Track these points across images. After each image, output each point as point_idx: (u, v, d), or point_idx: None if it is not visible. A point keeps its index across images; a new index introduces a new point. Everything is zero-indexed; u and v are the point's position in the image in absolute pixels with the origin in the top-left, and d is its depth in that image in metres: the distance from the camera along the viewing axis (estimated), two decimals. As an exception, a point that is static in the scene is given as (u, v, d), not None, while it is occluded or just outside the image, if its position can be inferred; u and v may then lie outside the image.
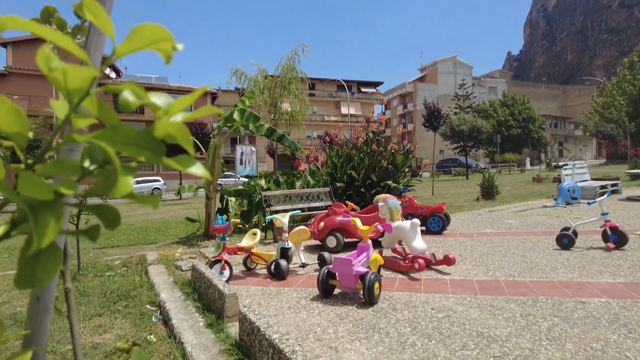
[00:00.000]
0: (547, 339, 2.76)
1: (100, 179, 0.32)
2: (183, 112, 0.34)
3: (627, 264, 4.54)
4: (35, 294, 0.51)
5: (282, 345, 2.23)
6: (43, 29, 0.34)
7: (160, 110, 0.34)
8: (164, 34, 0.33)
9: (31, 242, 0.31)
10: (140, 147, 0.33)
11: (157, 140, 0.33)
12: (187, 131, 0.33)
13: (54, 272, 0.33)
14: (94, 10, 0.33)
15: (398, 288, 4.03)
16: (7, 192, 0.31)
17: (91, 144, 0.35)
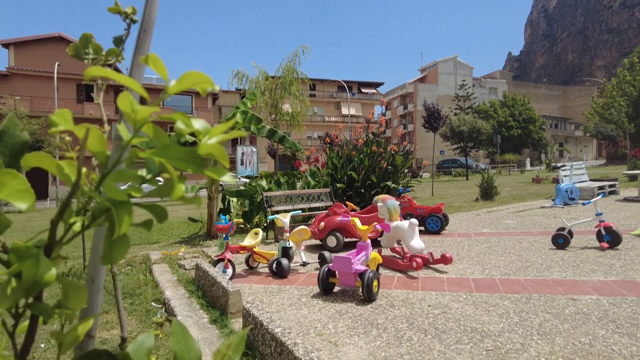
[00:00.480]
0: (538, 334, 2.88)
1: (161, 185, 0.44)
2: (219, 135, 0.46)
3: (619, 263, 4.66)
4: (91, 276, 0.63)
5: (284, 338, 2.35)
6: (120, 76, 0.46)
7: (201, 134, 0.46)
8: (204, 78, 0.45)
9: (113, 231, 0.43)
10: (187, 162, 0.45)
11: (200, 157, 0.45)
12: (223, 150, 0.45)
13: (124, 254, 0.45)
14: (155, 61, 0.45)
15: (396, 286, 4.15)
16: (96, 195, 0.43)
17: (148, 159, 0.47)
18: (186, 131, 0.45)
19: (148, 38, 0.63)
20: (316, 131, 51.12)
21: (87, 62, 0.84)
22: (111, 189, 0.43)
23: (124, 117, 0.45)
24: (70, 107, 33.68)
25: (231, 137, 0.47)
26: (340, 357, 2.64)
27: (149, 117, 0.44)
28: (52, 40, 34.48)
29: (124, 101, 0.43)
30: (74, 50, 0.85)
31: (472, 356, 2.58)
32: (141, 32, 0.63)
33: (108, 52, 0.87)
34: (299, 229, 4.93)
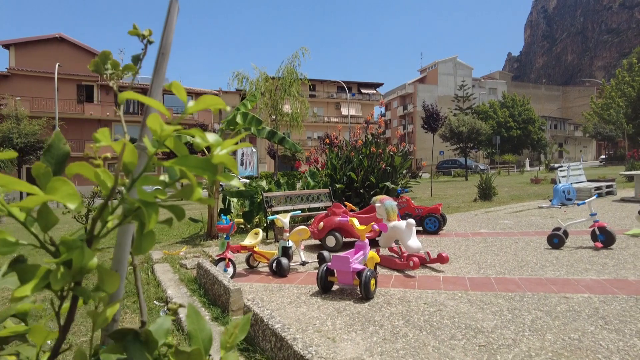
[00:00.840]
0: (529, 330, 2.97)
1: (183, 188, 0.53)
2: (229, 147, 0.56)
3: (612, 262, 4.76)
4: (115, 268, 0.72)
5: (284, 333, 2.44)
6: (148, 99, 0.55)
7: (214, 146, 0.55)
8: (218, 101, 0.55)
9: (142, 227, 0.52)
10: (203, 170, 0.54)
11: (215, 165, 0.54)
12: (233, 159, 0.54)
13: (152, 245, 0.54)
14: (177, 87, 0.54)
15: (393, 284, 4.25)
16: (128, 197, 0.52)
17: (170, 167, 0.56)
18: (203, 145, 0.54)
19: (166, 60, 0.72)
20: (316, 132, 51.22)
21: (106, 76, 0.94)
22: (141, 191, 0.52)
23: (151, 133, 0.55)
24: (71, 108, 33.81)
25: (239, 148, 0.56)
26: (338, 352, 2.73)
27: (172, 132, 0.54)
28: (52, 41, 34.60)
29: (153, 121, 0.52)
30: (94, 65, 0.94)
31: (465, 351, 2.68)
32: (159, 56, 0.72)
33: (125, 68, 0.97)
34: (298, 229, 5.02)
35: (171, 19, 0.71)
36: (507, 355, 2.61)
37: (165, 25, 0.72)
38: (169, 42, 0.72)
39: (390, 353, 2.68)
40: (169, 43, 0.72)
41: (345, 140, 10.52)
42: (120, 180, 0.58)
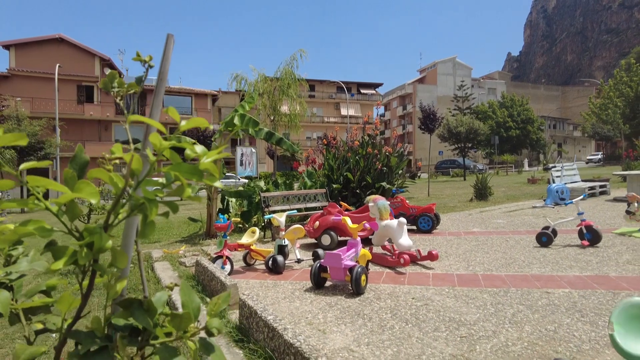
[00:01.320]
0: (509, 323, 3.14)
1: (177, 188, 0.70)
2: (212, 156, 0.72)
3: (596, 260, 4.93)
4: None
5: (275, 324, 2.61)
6: (150, 121, 0.72)
7: (201, 156, 0.72)
8: (203, 121, 0.71)
9: (145, 218, 0.69)
10: (192, 174, 0.70)
11: (201, 171, 0.71)
12: (214, 166, 0.70)
13: (152, 232, 0.71)
14: (172, 111, 0.71)
15: (384, 281, 4.42)
16: (135, 194, 0.69)
17: (167, 172, 0.73)
18: (192, 155, 0.71)
19: (163, 85, 0.88)
20: (315, 132, 51.37)
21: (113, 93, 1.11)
22: (145, 190, 0.69)
23: (152, 146, 0.71)
24: (71, 109, 33.96)
25: (221, 157, 0.73)
26: (327, 342, 2.90)
27: (168, 147, 0.71)
28: (52, 42, 34.75)
29: (154, 137, 0.69)
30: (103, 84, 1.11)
31: (447, 342, 2.85)
32: (158, 82, 0.89)
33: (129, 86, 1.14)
34: (293, 228, 5.19)
35: (168, 51, 0.88)
36: (485, 345, 2.78)
37: (163, 56, 0.88)
38: (166, 69, 0.89)
39: (376, 343, 2.85)
40: (166, 70, 0.89)
41: (342, 140, 10.68)
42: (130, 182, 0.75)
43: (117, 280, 0.80)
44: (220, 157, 0.73)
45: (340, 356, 2.68)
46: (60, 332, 0.78)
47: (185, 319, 0.77)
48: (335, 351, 2.76)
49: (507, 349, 2.71)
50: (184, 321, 0.77)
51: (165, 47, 0.89)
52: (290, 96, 16.19)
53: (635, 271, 4.39)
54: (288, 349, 2.37)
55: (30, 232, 0.65)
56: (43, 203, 0.66)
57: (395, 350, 2.75)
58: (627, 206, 6.60)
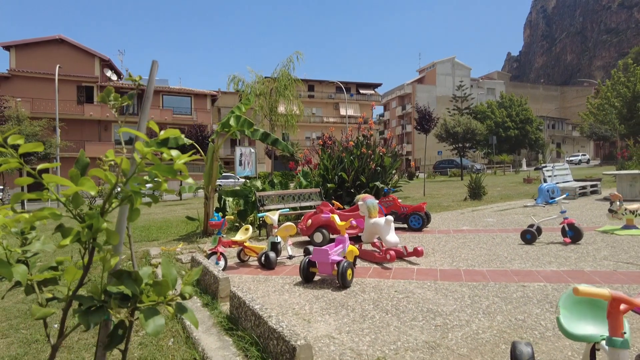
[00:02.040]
0: (483, 313, 3.35)
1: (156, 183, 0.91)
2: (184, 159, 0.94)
3: (575, 256, 5.14)
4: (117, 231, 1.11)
5: (261, 312, 2.83)
6: (138, 133, 0.93)
7: (175, 158, 0.93)
8: (177, 133, 0.93)
9: (132, 206, 0.90)
10: (168, 173, 0.92)
11: (175, 170, 0.92)
12: (185, 167, 0.91)
13: (137, 217, 0.92)
14: (152, 124, 0.92)
15: (371, 275, 4.63)
16: (124, 188, 0.90)
17: (149, 171, 0.94)
18: (168, 157, 0.93)
19: (149, 103, 1.09)
20: (315, 132, 51.55)
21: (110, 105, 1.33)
22: (132, 185, 0.90)
23: (138, 151, 0.93)
24: (71, 109, 34.18)
25: (191, 160, 0.94)
26: (311, 330, 3.11)
27: (150, 152, 0.92)
28: (52, 43, 34.99)
29: (139, 146, 0.90)
30: (101, 97, 1.33)
31: (422, 330, 3.06)
32: (145, 100, 1.10)
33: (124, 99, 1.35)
34: (285, 225, 5.41)
35: (152, 75, 1.09)
36: (457, 333, 3.00)
37: (149, 78, 1.09)
38: (151, 90, 1.10)
39: (356, 331, 3.07)
40: (151, 91, 1.10)
41: (337, 141, 10.89)
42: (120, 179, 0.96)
43: (112, 256, 1.01)
44: (191, 160, 0.94)
45: (321, 342, 2.90)
46: (67, 296, 1.00)
47: (164, 286, 0.98)
48: (318, 338, 2.97)
49: (477, 336, 2.93)
50: (163, 288, 0.99)
51: (151, 72, 1.10)
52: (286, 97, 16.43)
53: (610, 266, 4.60)
54: (271, 334, 2.58)
55: (45, 216, 0.86)
56: (54, 195, 0.88)
57: (373, 337, 2.96)
58: (610, 205, 6.82)
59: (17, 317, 3.85)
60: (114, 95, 1.31)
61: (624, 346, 1.67)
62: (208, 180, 8.17)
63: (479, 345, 2.78)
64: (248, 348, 2.75)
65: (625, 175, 11.16)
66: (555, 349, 2.68)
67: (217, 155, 8.20)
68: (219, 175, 8.88)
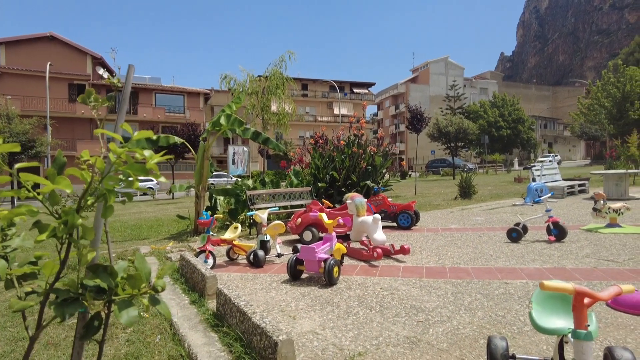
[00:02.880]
0: (464, 309, 3.43)
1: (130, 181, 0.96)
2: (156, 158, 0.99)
3: (558, 254, 5.25)
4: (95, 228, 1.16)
5: (246, 309, 2.88)
6: (114, 134, 0.98)
7: (148, 158, 0.98)
8: (150, 133, 0.98)
9: (106, 203, 0.95)
10: (142, 172, 0.97)
11: (147, 169, 0.97)
12: (156, 166, 0.97)
13: (111, 213, 0.98)
14: (126, 126, 0.98)
15: (357, 273, 4.70)
16: (99, 187, 0.95)
17: (123, 170, 0.99)
18: (142, 157, 0.98)
19: (125, 105, 1.14)
20: (308, 131, 51.60)
21: (90, 106, 1.37)
22: (107, 184, 0.96)
23: (113, 151, 0.98)
24: (62, 107, 33.93)
25: (164, 160, 1.00)
26: (295, 327, 3.17)
27: (124, 152, 0.97)
28: (43, 40, 34.70)
29: (113, 147, 0.95)
30: (82, 99, 1.38)
31: (404, 326, 3.13)
32: (122, 101, 1.15)
33: (103, 101, 1.40)
34: (274, 224, 5.46)
35: (129, 79, 1.14)
36: (438, 328, 3.07)
37: (126, 82, 1.14)
38: (128, 92, 1.15)
39: (339, 327, 3.13)
40: (128, 93, 1.15)
41: (328, 140, 10.94)
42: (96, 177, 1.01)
43: (89, 251, 1.06)
44: (162, 160, 0.99)
45: (305, 338, 2.96)
46: (45, 289, 1.04)
47: (138, 279, 1.03)
48: (302, 334, 3.03)
49: (457, 331, 3.00)
50: (137, 281, 1.04)
51: (127, 75, 1.15)
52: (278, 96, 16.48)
53: (591, 263, 4.71)
54: (255, 330, 2.64)
55: (22, 212, 0.91)
56: (32, 193, 0.93)
57: (356, 332, 3.03)
58: (594, 204, 6.95)
59: (4, 315, 3.87)
60: (94, 96, 1.36)
61: (587, 338, 1.75)
62: (199, 179, 8.19)
63: (458, 340, 2.85)
64: (233, 344, 2.80)
65: (612, 174, 11.34)
66: (531, 343, 2.76)
67: (207, 154, 8.22)
68: (210, 174, 8.90)
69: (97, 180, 0.99)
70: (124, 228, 10.15)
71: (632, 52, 50.20)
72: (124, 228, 10.15)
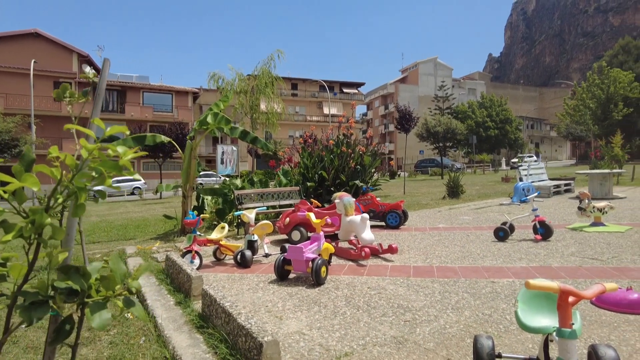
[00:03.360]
0: (452, 309, 3.43)
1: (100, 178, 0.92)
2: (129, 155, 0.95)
3: (544, 252, 5.30)
4: (66, 231, 1.11)
5: (231, 310, 2.84)
6: (84, 129, 0.94)
7: (121, 155, 0.94)
8: (124, 129, 0.94)
9: (77, 201, 0.91)
10: (114, 169, 0.93)
11: (120, 166, 0.93)
12: (129, 163, 0.93)
13: (83, 212, 0.94)
14: (98, 122, 0.94)
15: (345, 272, 4.68)
16: (70, 184, 0.91)
17: (95, 167, 0.95)
18: (114, 153, 0.94)
19: (101, 99, 1.10)
20: (298, 130, 51.42)
21: (65, 102, 1.33)
22: (78, 181, 0.91)
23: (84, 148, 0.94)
24: (47, 105, 33.35)
25: (137, 156, 0.96)
26: (282, 327, 3.14)
27: (96, 148, 0.93)
28: (27, 37, 34.07)
29: (83, 143, 0.91)
30: (57, 94, 1.33)
31: (391, 325, 3.12)
32: (96, 96, 1.11)
33: (79, 96, 1.35)
34: (261, 224, 5.42)
35: (104, 73, 1.10)
36: (425, 328, 3.06)
37: (101, 76, 1.10)
38: (103, 88, 1.11)
39: (326, 327, 3.11)
40: (103, 88, 1.11)
41: (318, 139, 10.91)
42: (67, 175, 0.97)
43: (60, 251, 1.02)
44: (136, 156, 0.96)
45: (291, 338, 2.93)
46: (12, 293, 1.00)
47: (112, 281, 0.99)
48: (288, 334, 3.00)
49: (444, 330, 3.00)
50: (111, 282, 1.00)
51: (102, 70, 1.11)
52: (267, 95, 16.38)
53: (576, 262, 4.76)
54: (240, 331, 2.60)
55: (-15, 212, 0.87)
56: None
57: (343, 333, 3.01)
58: (579, 203, 7.03)
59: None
60: (70, 92, 1.31)
61: (571, 336, 1.75)
62: (186, 179, 8.10)
63: (445, 339, 2.85)
64: (218, 345, 2.76)
65: (596, 174, 11.51)
66: (517, 341, 2.76)
67: (195, 153, 8.13)
68: (198, 173, 8.81)
69: (68, 177, 0.95)
70: (110, 228, 10.00)
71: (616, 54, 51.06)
72: (110, 228, 10.00)
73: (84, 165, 0.96)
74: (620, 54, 50.64)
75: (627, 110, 39.27)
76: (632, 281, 3.92)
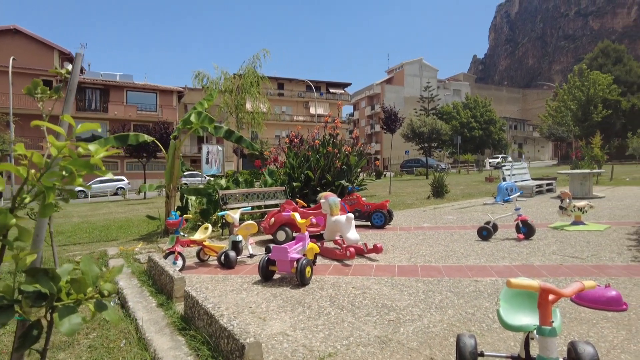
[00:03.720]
0: (435, 308, 3.45)
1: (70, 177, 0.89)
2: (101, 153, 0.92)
3: (527, 251, 5.37)
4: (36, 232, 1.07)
5: (213, 312, 2.80)
6: (54, 126, 0.90)
7: (93, 152, 0.91)
8: (95, 125, 0.91)
9: (45, 201, 0.88)
10: (84, 167, 0.90)
11: (91, 164, 0.90)
12: (100, 161, 0.90)
13: (51, 212, 0.90)
14: (68, 118, 0.90)
15: (330, 272, 4.67)
16: (37, 184, 0.88)
17: (65, 166, 0.92)
18: (86, 151, 0.90)
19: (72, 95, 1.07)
20: (284, 130, 51.34)
21: (37, 98, 1.28)
22: (46, 180, 0.88)
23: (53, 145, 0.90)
24: (27, 104, 32.59)
25: (110, 154, 0.93)
26: (265, 328, 3.11)
27: (65, 146, 0.90)
28: (6, 33, 33.25)
29: (52, 140, 0.88)
30: (27, 90, 1.28)
31: (375, 325, 3.12)
32: (68, 92, 1.07)
33: (50, 93, 1.31)
34: (246, 224, 5.37)
35: (76, 69, 1.07)
36: (409, 327, 3.07)
37: (73, 71, 1.07)
38: (74, 83, 1.07)
39: (310, 328, 3.09)
40: (74, 84, 1.07)
41: (303, 139, 10.89)
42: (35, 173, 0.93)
43: (27, 253, 0.98)
44: (108, 154, 0.92)
45: (275, 340, 2.90)
46: (-24, 297, 0.95)
47: (83, 283, 0.96)
48: (271, 335, 2.97)
49: (428, 330, 3.01)
50: (82, 285, 0.96)
51: (74, 64, 1.07)
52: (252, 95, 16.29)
53: (557, 260, 4.83)
54: (222, 333, 2.56)
55: (-55, 212, 0.82)
56: (-42, 190, 0.84)
57: (326, 333, 2.99)
58: (561, 202, 7.15)
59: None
60: (41, 88, 1.27)
61: (551, 334, 1.77)
62: (169, 179, 7.99)
63: (428, 338, 2.86)
64: (200, 347, 2.72)
65: (577, 174, 11.74)
66: (499, 339, 2.79)
67: (178, 153, 8.03)
68: (182, 173, 8.70)
69: (37, 176, 0.91)
70: (92, 229, 9.81)
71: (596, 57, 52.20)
72: (92, 229, 9.81)
73: (54, 164, 0.92)
74: (600, 57, 51.78)
75: (606, 111, 40.22)
76: (610, 278, 4.00)
